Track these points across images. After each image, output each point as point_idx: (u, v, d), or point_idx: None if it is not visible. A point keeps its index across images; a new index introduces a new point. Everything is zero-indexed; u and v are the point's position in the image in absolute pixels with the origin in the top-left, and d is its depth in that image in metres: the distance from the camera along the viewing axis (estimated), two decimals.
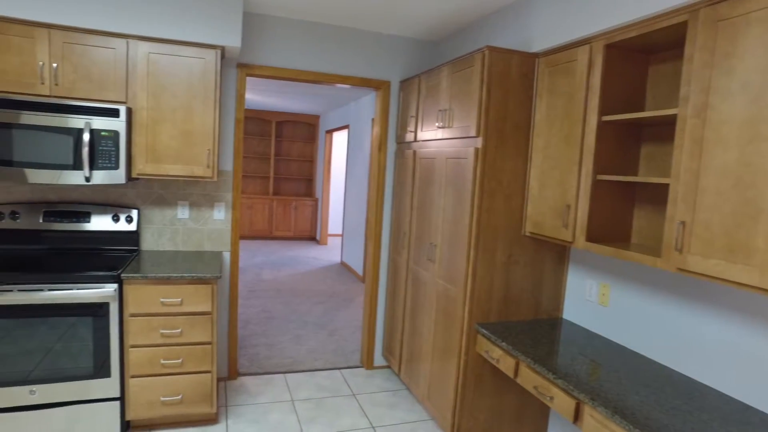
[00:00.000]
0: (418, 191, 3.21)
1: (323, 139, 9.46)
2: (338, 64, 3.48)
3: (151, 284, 2.60)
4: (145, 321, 2.61)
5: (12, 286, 2.41)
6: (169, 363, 2.68)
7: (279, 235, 9.51)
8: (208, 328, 2.71)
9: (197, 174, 2.85)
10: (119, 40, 2.69)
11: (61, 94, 2.64)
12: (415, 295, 3.23)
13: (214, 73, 2.84)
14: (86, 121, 2.59)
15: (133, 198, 3.12)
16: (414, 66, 3.68)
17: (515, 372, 2.20)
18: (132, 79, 2.73)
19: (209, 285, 2.68)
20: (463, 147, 2.63)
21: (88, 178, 2.61)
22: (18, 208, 2.88)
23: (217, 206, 3.28)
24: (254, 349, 4.12)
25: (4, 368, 2.44)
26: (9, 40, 2.55)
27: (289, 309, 5.32)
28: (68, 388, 2.53)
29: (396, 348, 3.55)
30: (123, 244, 3.05)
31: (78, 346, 2.52)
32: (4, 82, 2.56)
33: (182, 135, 2.82)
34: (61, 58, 2.62)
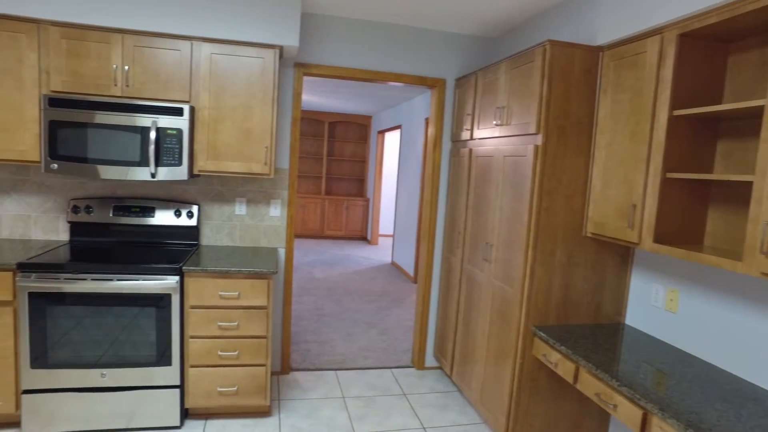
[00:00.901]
0: (473, 190, 3.15)
1: (375, 139, 9.51)
2: (393, 63, 3.48)
3: (211, 277, 2.68)
4: (204, 313, 2.70)
5: (86, 275, 2.55)
6: (226, 355, 2.75)
7: (330, 234, 9.63)
8: (264, 322, 2.77)
9: (255, 171, 2.92)
10: (184, 42, 2.80)
11: (131, 94, 2.77)
12: (469, 295, 3.17)
13: (273, 72, 2.90)
14: (153, 120, 2.70)
15: (194, 194, 3.24)
16: (470, 63, 3.62)
17: (575, 377, 2.11)
18: (195, 79, 2.83)
19: (265, 280, 2.73)
20: (522, 145, 2.55)
21: (153, 174, 2.73)
22: (91, 203, 3.05)
23: (273, 203, 3.35)
24: (306, 346, 4.18)
25: (80, 352, 2.59)
26: (88, 46, 2.71)
27: (341, 307, 5.37)
28: (134, 373, 2.65)
29: (448, 349, 3.50)
30: (184, 238, 3.17)
31: (142, 334, 2.63)
32: (83, 85, 2.72)
33: (241, 133, 2.90)
34: (132, 61, 2.75)
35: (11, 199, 3.08)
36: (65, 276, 2.53)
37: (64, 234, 3.15)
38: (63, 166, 2.68)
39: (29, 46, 2.67)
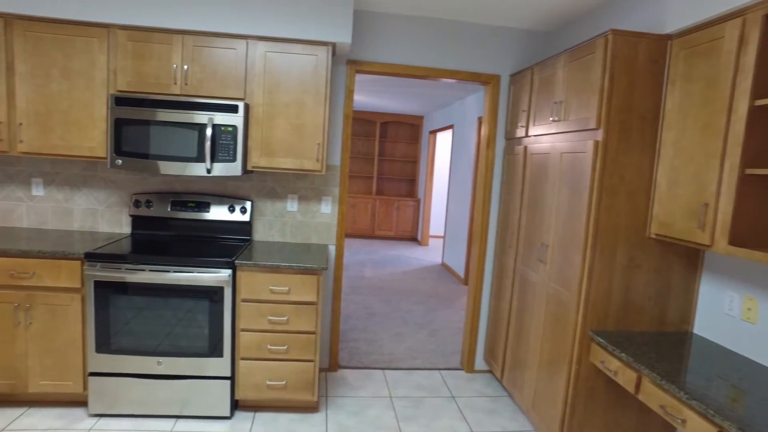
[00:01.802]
0: (528, 189, 3.04)
1: (426, 139, 9.44)
2: (446, 59, 3.42)
3: (262, 272, 2.73)
4: (255, 307, 2.75)
5: (145, 266, 2.65)
6: (276, 349, 2.78)
7: (380, 234, 9.65)
8: (313, 318, 2.78)
9: (307, 167, 2.94)
10: (240, 41, 2.86)
11: (189, 93, 2.86)
12: (522, 297, 3.07)
13: (325, 69, 2.91)
14: (209, 117, 2.78)
15: (248, 190, 3.31)
16: (525, 58, 3.50)
17: (637, 387, 1.97)
18: (250, 76, 2.89)
19: (315, 276, 2.74)
20: (581, 141, 2.43)
21: (209, 170, 2.80)
22: (151, 198, 3.18)
23: (325, 200, 3.37)
24: (355, 344, 4.18)
25: (139, 339, 2.70)
26: (151, 48, 2.82)
27: (390, 307, 5.35)
28: (187, 363, 2.73)
29: (499, 352, 3.40)
30: (237, 233, 3.24)
31: (196, 325, 2.71)
32: (146, 84, 2.84)
33: (294, 129, 2.93)
34: (191, 60, 2.84)
35: (82, 193, 3.26)
36: (126, 266, 2.65)
37: (126, 227, 3.30)
38: (126, 161, 2.80)
39: (100, 50, 2.82)
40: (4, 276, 2.65)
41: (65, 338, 2.72)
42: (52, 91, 2.84)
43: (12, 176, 3.23)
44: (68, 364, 2.74)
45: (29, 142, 2.86)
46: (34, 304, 2.69)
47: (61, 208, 3.27)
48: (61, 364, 2.74)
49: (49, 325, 2.71)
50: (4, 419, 2.70)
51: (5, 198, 3.25)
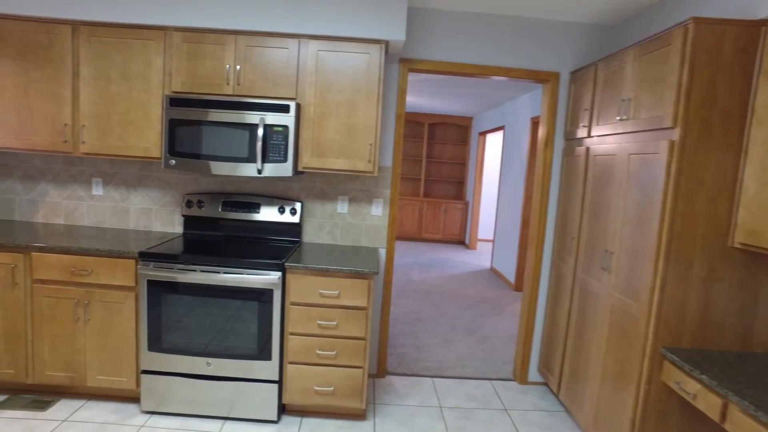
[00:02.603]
0: (590, 192, 2.86)
1: (476, 141, 9.23)
2: (502, 57, 3.27)
3: (311, 275, 2.67)
4: (304, 310, 2.70)
5: (196, 267, 2.66)
6: (324, 354, 2.72)
7: (428, 237, 9.51)
8: (363, 323, 2.70)
9: (358, 168, 2.87)
10: (292, 40, 2.83)
11: (241, 93, 2.85)
12: (582, 307, 2.88)
13: (378, 67, 2.84)
14: (261, 117, 2.76)
15: (298, 191, 3.28)
16: (586, 54, 3.30)
17: (722, 415, 1.77)
18: (302, 76, 2.85)
19: (366, 280, 2.67)
20: (653, 141, 2.24)
21: (260, 171, 2.78)
22: (203, 198, 3.20)
23: (375, 202, 3.29)
24: (402, 349, 4.08)
25: (189, 339, 2.70)
26: (205, 48, 2.83)
27: (438, 312, 5.22)
28: (236, 365, 2.71)
29: (555, 364, 3.21)
30: (286, 235, 3.21)
31: (245, 327, 2.69)
32: (199, 85, 2.86)
33: (345, 129, 2.87)
34: (243, 61, 2.83)
35: (137, 193, 3.32)
36: (178, 266, 2.66)
37: (178, 227, 3.34)
38: (180, 162, 2.82)
39: (156, 51, 2.85)
40: (66, 273, 2.73)
41: (120, 335, 2.76)
42: (111, 94, 2.90)
43: (75, 176, 3.34)
44: (122, 360, 2.78)
45: (90, 143, 2.94)
46: (92, 300, 2.74)
47: (118, 207, 3.35)
48: (115, 360, 2.79)
49: (105, 322, 2.76)
50: (66, 410, 2.77)
51: (69, 197, 3.35)
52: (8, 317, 2.78)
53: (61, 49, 2.89)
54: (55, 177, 3.35)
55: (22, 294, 2.77)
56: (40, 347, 2.80)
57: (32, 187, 3.37)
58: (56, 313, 2.77)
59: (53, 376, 2.82)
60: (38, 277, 2.74)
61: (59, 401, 2.87)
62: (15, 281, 2.76)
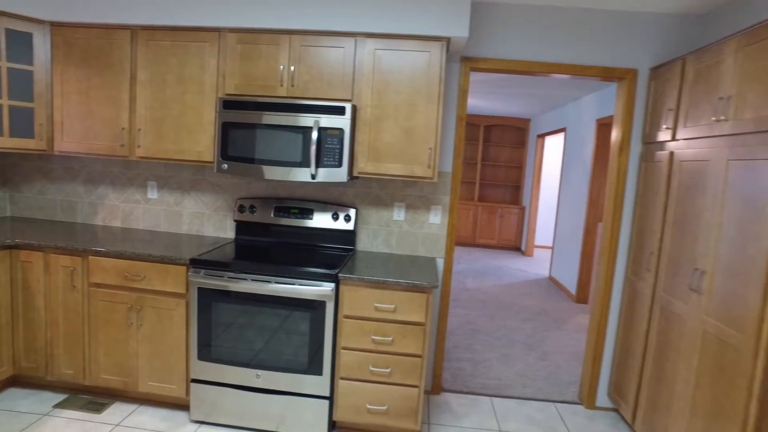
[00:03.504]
0: (675, 202, 2.55)
1: (533, 143, 8.85)
2: (573, 54, 3.00)
3: (366, 287, 2.52)
4: (357, 324, 2.55)
5: (247, 275, 2.56)
6: (378, 371, 2.56)
7: (482, 242, 9.21)
8: (420, 340, 2.52)
9: (417, 174, 2.70)
10: (348, 39, 2.69)
11: (295, 94, 2.74)
12: (663, 330, 2.57)
13: (439, 66, 2.65)
14: (315, 120, 2.63)
15: (352, 197, 3.14)
16: (668, 48, 2.98)
17: None
18: (358, 76, 2.71)
19: (425, 294, 2.48)
20: (761, 145, 1.93)
21: (314, 176, 2.66)
22: (255, 203, 3.12)
23: (434, 209, 3.10)
24: (458, 364, 3.87)
25: (239, 350, 2.61)
26: (259, 49, 2.75)
27: (495, 323, 4.96)
28: (285, 378, 2.60)
29: (629, 390, 2.91)
30: (340, 242, 3.08)
31: (295, 340, 2.57)
32: (253, 87, 2.77)
33: (404, 133, 2.70)
34: (297, 61, 2.72)
35: (190, 197, 3.29)
36: (229, 274, 2.57)
37: (230, 231, 3.28)
38: (232, 166, 2.74)
39: (210, 53, 2.80)
40: (120, 277, 2.71)
41: (170, 342, 2.72)
42: (166, 97, 2.87)
43: (132, 179, 3.35)
44: (172, 368, 2.74)
45: (146, 146, 2.92)
46: (144, 306, 2.71)
47: (172, 211, 3.33)
48: (166, 367, 2.74)
49: (157, 328, 2.72)
50: (119, 414, 2.76)
51: (125, 200, 3.37)
52: (68, 319, 2.80)
53: (120, 54, 2.89)
54: (113, 180, 3.38)
55: (80, 297, 2.77)
56: (96, 350, 2.80)
57: (93, 190, 3.41)
58: (111, 317, 2.75)
59: (108, 379, 2.81)
60: (94, 280, 2.73)
61: (113, 404, 2.86)
62: (74, 284, 2.77)
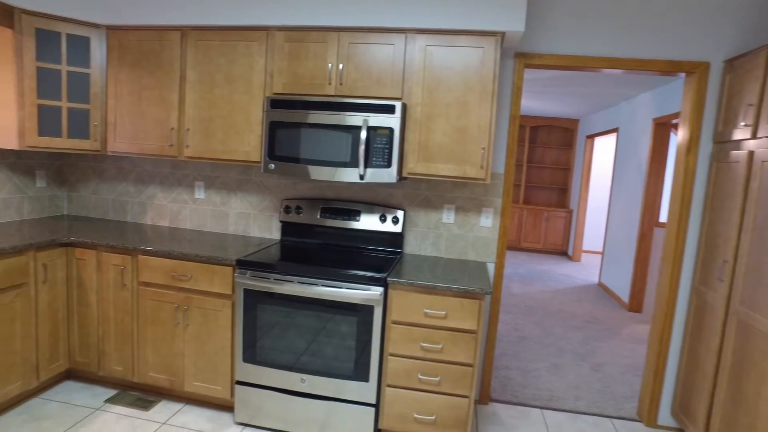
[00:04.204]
0: (755, 206, 2.34)
1: (582, 144, 8.53)
2: (636, 47, 2.81)
3: (416, 292, 2.42)
4: (406, 330, 2.45)
5: (293, 278, 2.51)
6: (426, 379, 2.46)
7: (527, 246, 8.95)
8: (471, 348, 2.40)
9: (469, 175, 2.58)
10: (398, 35, 2.61)
11: (344, 93, 2.68)
12: (741, 347, 2.36)
13: (493, 62, 2.53)
14: (364, 119, 2.56)
15: (400, 199, 3.05)
16: (747, 38, 2.75)
17: None
18: (408, 74, 2.62)
19: (477, 301, 2.37)
20: None
21: (362, 176, 2.58)
22: (301, 204, 3.08)
23: (485, 212, 2.98)
24: (506, 372, 3.71)
25: (284, 353, 2.57)
26: (307, 47, 2.70)
27: (543, 331, 4.76)
28: (330, 384, 2.54)
29: (698, 411, 2.69)
30: (387, 245, 3.00)
31: (341, 345, 2.50)
32: (301, 85, 2.73)
33: (455, 132, 2.59)
34: (346, 59, 2.66)
35: (237, 197, 3.29)
36: (275, 276, 2.53)
37: (276, 233, 3.25)
38: (279, 166, 2.71)
39: (258, 53, 2.77)
40: (167, 277, 2.71)
41: (216, 343, 2.70)
42: (214, 97, 2.87)
43: (180, 179, 3.38)
44: (218, 369, 2.72)
45: (194, 146, 2.92)
46: (191, 306, 2.70)
47: (218, 212, 3.34)
48: (211, 368, 2.73)
49: (203, 329, 2.71)
50: (165, 412, 2.77)
51: (173, 200, 3.40)
52: (118, 317, 2.84)
53: (170, 55, 2.91)
54: (162, 180, 3.41)
55: (129, 295, 2.80)
56: (144, 348, 2.82)
57: (143, 190, 3.46)
58: (158, 316, 2.77)
59: (155, 377, 2.82)
60: (143, 279, 2.75)
61: (160, 402, 2.88)
62: (124, 282, 2.80)
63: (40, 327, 2.74)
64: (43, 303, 2.75)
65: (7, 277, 2.53)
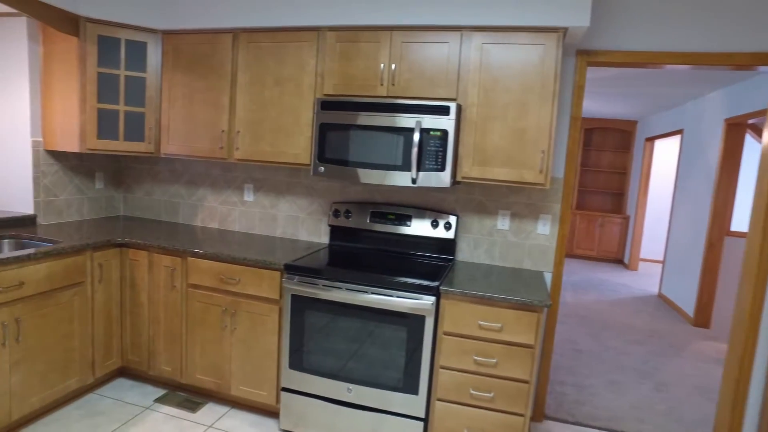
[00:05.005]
0: None
1: (641, 147, 8.10)
2: (714, 39, 2.57)
3: (470, 302, 2.30)
4: (458, 342, 2.33)
5: (342, 284, 2.44)
6: (479, 394, 2.33)
7: (580, 253, 8.59)
8: (528, 363, 2.25)
9: (527, 180, 2.43)
10: (453, 33, 2.49)
11: (396, 94, 2.60)
12: None
13: (554, 60, 2.37)
14: (417, 120, 2.46)
15: (453, 204, 2.93)
16: None
17: None
18: (463, 73, 2.50)
19: (535, 314, 2.22)
20: None
21: (414, 180, 2.48)
22: (350, 207, 3.01)
23: (543, 218, 2.81)
24: (561, 388, 3.51)
25: (330, 362, 2.50)
26: (358, 47, 2.64)
27: (599, 344, 4.51)
28: (378, 395, 2.45)
29: None
30: (439, 251, 2.88)
31: (389, 355, 2.40)
32: (352, 87, 2.67)
33: (513, 134, 2.45)
34: (399, 59, 2.58)
35: (285, 200, 3.26)
36: (323, 282, 2.47)
37: (324, 236, 3.20)
38: (328, 169, 2.65)
39: (309, 53, 2.73)
40: (216, 279, 2.70)
41: (262, 348, 2.67)
42: (264, 99, 2.85)
43: (229, 182, 3.39)
44: (264, 374, 2.68)
45: (244, 149, 2.91)
46: (238, 310, 2.68)
47: (267, 214, 3.32)
48: (257, 373, 2.70)
49: (250, 333, 2.68)
50: (212, 415, 2.77)
51: (223, 202, 3.42)
52: (168, 318, 2.85)
53: (222, 58, 2.92)
54: (213, 182, 3.43)
55: (179, 297, 2.81)
56: (192, 350, 2.82)
57: (194, 192, 3.49)
58: (206, 319, 2.76)
59: (202, 379, 2.82)
60: (192, 282, 2.76)
61: (207, 404, 2.88)
62: (173, 284, 2.81)
63: (95, 325, 2.80)
64: (99, 302, 2.80)
65: (67, 275, 2.59)
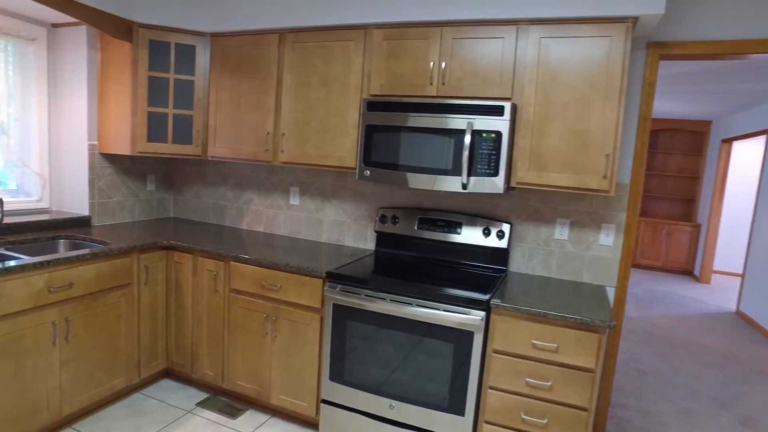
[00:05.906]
0: None
1: (716, 150, 7.49)
2: None
3: (523, 319, 2.10)
4: (509, 362, 2.14)
5: (386, 295, 2.31)
6: (531, 420, 2.13)
7: (644, 263, 8.05)
8: (587, 389, 2.03)
9: (590, 186, 2.21)
10: (508, 27, 2.31)
11: (446, 93, 2.44)
12: None
13: (622, 54, 2.14)
14: (469, 121, 2.29)
15: (506, 210, 2.73)
16: None
17: None
18: (519, 70, 2.31)
19: (597, 334, 1.99)
20: None
21: (465, 185, 2.32)
22: (398, 213, 2.88)
23: (605, 228, 2.56)
24: (623, 413, 3.22)
25: (372, 376, 2.38)
26: (406, 45, 2.51)
27: (667, 365, 4.13)
28: (422, 414, 2.29)
29: None
30: (490, 261, 2.69)
31: (435, 372, 2.24)
32: (400, 86, 2.54)
33: (574, 136, 2.23)
34: (449, 56, 2.42)
35: (331, 204, 3.17)
36: (366, 292, 2.34)
37: (370, 243, 3.08)
38: (375, 172, 2.53)
39: (355, 53, 2.63)
40: (257, 285, 2.65)
41: (303, 358, 2.58)
42: (310, 100, 2.77)
43: (275, 185, 3.34)
44: (304, 384, 2.59)
45: (289, 151, 2.85)
46: (280, 317, 2.61)
47: (312, 219, 3.25)
48: (298, 383, 2.61)
49: (291, 342, 2.60)
50: (251, 423, 2.71)
51: (269, 206, 3.37)
52: (211, 322, 2.83)
53: (268, 59, 2.87)
54: (259, 186, 3.40)
55: (221, 302, 2.78)
56: (234, 355, 2.78)
57: (240, 195, 3.48)
58: (248, 325, 2.71)
59: (243, 386, 2.77)
60: (234, 287, 2.71)
61: (247, 411, 2.83)
62: (216, 288, 2.78)
63: (141, 326, 2.81)
64: (145, 304, 2.81)
65: (115, 277, 2.61)
